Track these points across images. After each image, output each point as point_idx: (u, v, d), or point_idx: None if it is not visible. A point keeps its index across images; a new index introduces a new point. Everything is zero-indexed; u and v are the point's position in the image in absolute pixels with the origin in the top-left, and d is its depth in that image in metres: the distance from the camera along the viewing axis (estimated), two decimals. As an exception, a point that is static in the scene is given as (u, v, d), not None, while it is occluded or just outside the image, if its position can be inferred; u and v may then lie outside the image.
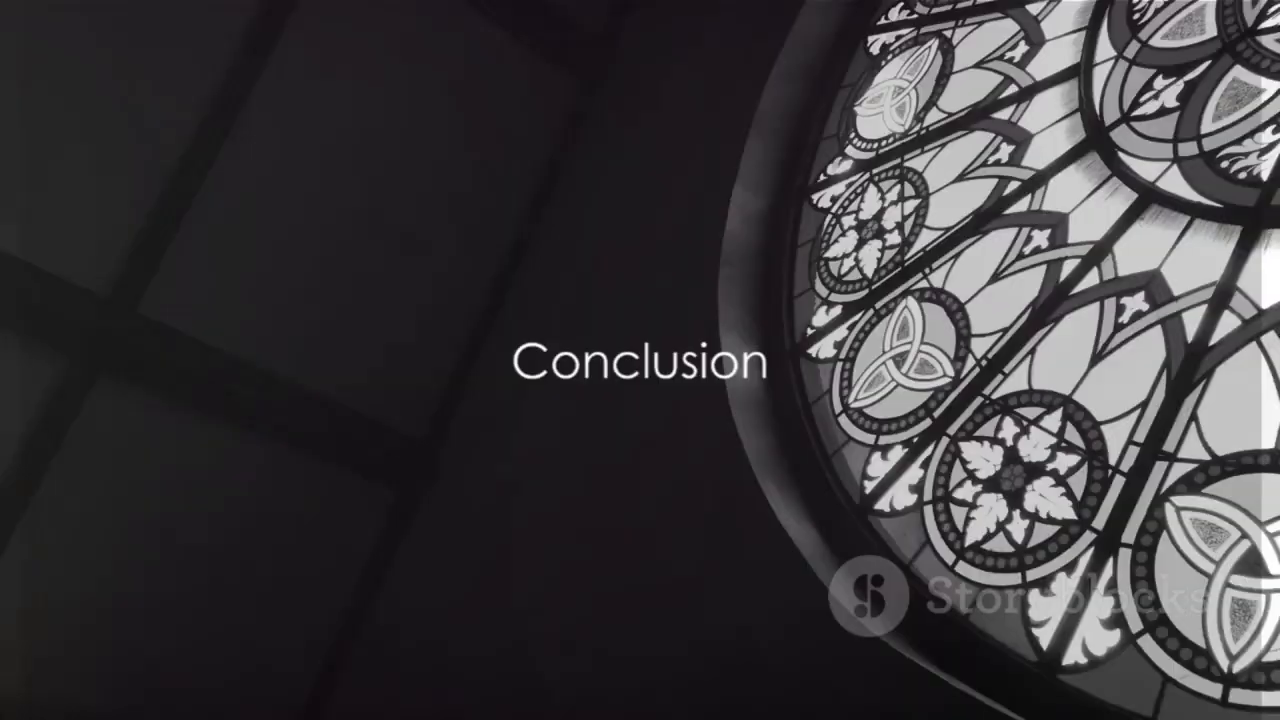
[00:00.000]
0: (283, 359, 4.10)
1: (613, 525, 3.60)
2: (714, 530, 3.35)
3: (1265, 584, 2.26)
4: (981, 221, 3.36)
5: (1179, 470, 2.52)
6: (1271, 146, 2.66)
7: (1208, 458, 2.47)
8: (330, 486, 4.24)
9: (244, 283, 4.04)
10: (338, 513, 4.24)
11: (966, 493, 2.97)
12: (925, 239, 3.55)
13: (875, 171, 3.91)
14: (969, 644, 2.74)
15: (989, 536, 2.85)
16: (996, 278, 3.23)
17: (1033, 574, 2.72)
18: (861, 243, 3.79)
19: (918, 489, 3.12)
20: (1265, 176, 2.63)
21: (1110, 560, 2.56)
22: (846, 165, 4.09)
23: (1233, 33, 2.90)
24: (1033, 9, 3.62)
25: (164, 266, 3.83)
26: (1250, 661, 2.23)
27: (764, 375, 3.78)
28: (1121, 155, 3.03)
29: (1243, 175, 2.69)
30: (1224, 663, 2.26)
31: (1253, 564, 2.30)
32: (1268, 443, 2.37)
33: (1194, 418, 2.55)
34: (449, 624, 3.95)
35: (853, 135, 4.12)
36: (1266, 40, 2.81)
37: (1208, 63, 2.93)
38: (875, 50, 4.25)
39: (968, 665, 2.70)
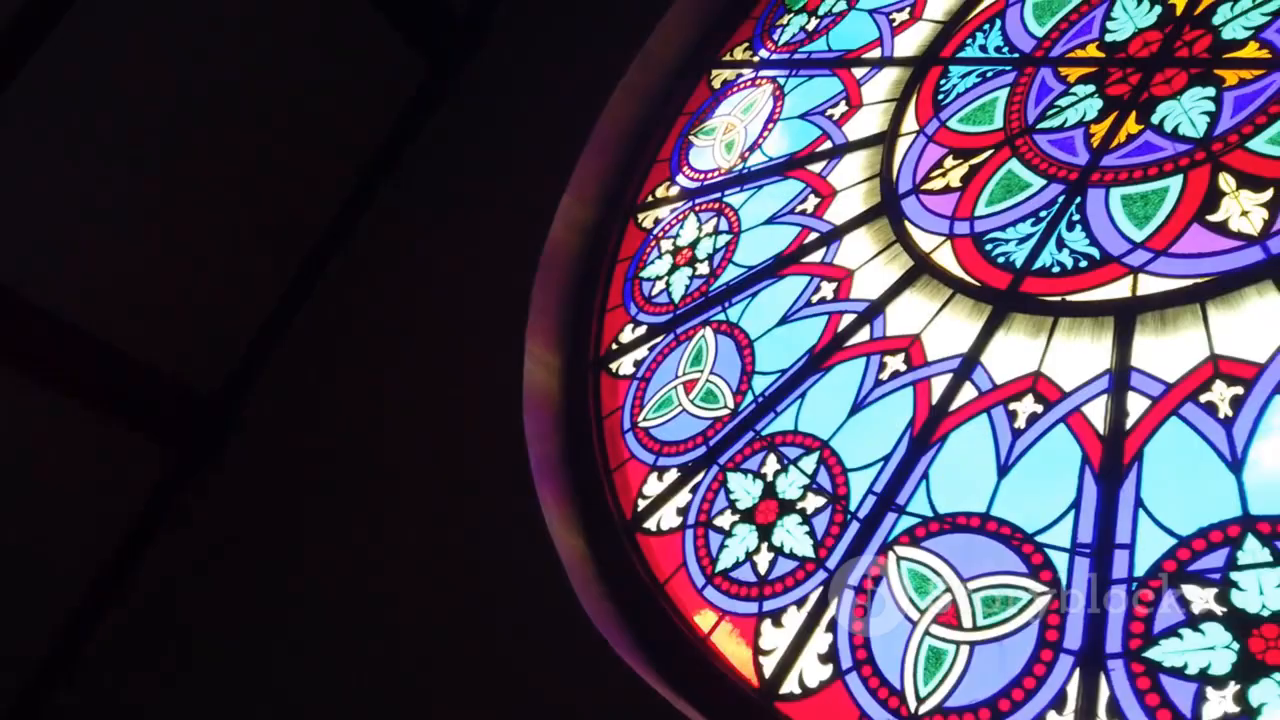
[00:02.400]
0: (62, 295, 3.85)
1: (384, 515, 3.58)
2: (485, 529, 3.37)
3: (958, 635, 2.47)
4: (780, 266, 3.52)
5: (906, 523, 2.72)
6: (1028, 238, 2.90)
7: (930, 514, 2.67)
8: (100, 439, 4.01)
9: (27, 214, 3.77)
10: (105, 469, 4.03)
11: (725, 521, 3.11)
12: (730, 274, 3.69)
13: (697, 201, 4.04)
14: (702, 667, 2.87)
15: (737, 565, 3.00)
16: (784, 321, 3.39)
17: (769, 605, 2.87)
18: (674, 268, 3.90)
19: (684, 512, 3.25)
20: (1019, 264, 2.87)
21: (835, 599, 2.73)
22: (674, 191, 4.20)
23: (1015, 128, 3.15)
24: (857, 72, 3.82)
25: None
26: (933, 705, 2.43)
27: (562, 383, 3.84)
28: (907, 224, 3.24)
29: (1001, 260, 2.92)
30: (912, 704, 2.45)
31: (951, 616, 2.50)
32: (980, 507, 2.58)
33: (926, 476, 2.75)
34: (211, 606, 3.82)
35: (684, 163, 4.24)
36: (1041, 139, 3.07)
37: (990, 151, 3.17)
38: (717, 84, 4.38)
39: (698, 687, 2.83)
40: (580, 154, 4.25)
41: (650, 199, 4.26)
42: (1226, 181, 2.55)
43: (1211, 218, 2.54)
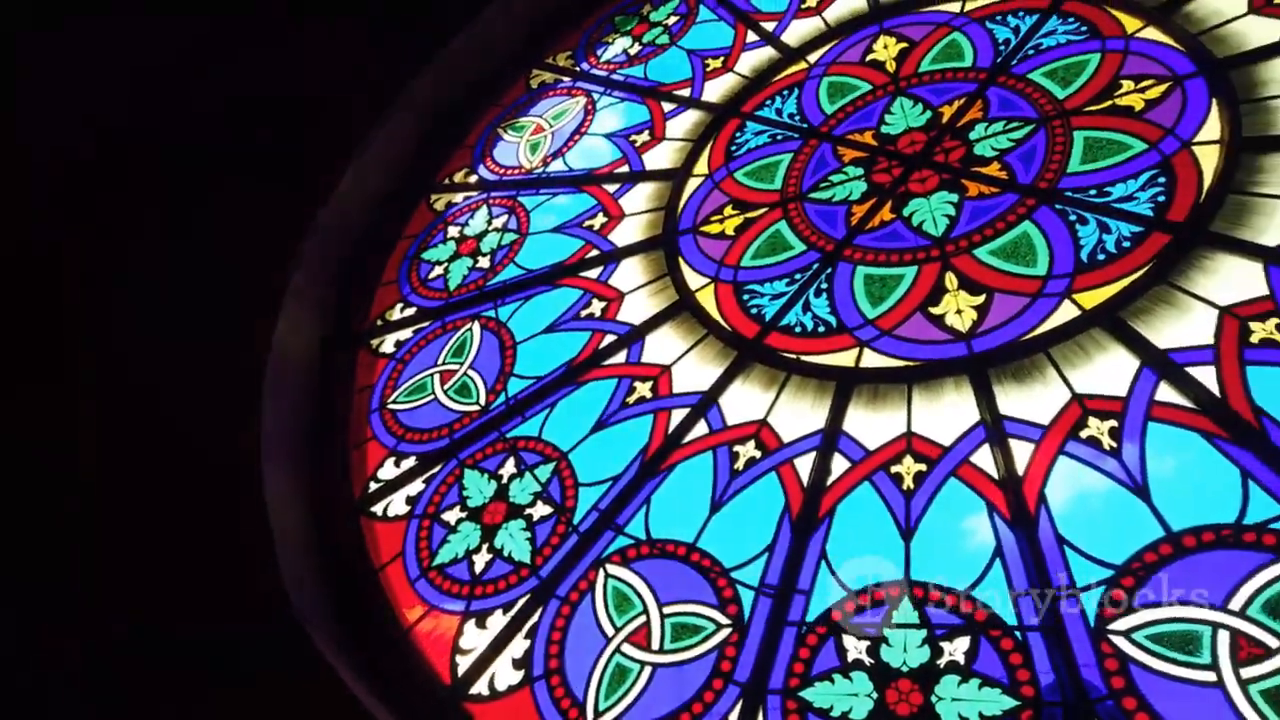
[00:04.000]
0: None
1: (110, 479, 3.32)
2: (201, 492, 3.18)
3: (645, 656, 2.59)
4: (558, 275, 3.57)
5: (621, 542, 2.82)
6: (781, 295, 3.10)
7: (644, 537, 2.79)
8: None
9: None
10: None
11: (452, 516, 3.11)
12: (509, 273, 3.70)
13: (492, 195, 4.03)
14: (396, 658, 2.85)
15: (455, 561, 3.01)
16: (552, 330, 3.43)
17: (477, 605, 2.89)
18: (456, 256, 3.87)
19: (414, 501, 3.22)
20: (769, 318, 3.06)
21: (541, 608, 2.79)
22: (472, 179, 4.17)
23: (791, 192, 3.37)
24: (666, 106, 3.95)
25: None
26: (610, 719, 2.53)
27: (315, 350, 3.70)
28: (680, 260, 3.37)
29: (754, 311, 3.10)
30: (590, 717, 2.55)
31: (642, 637, 2.62)
32: (689, 537, 2.72)
33: (648, 501, 2.86)
34: None
35: (488, 155, 4.22)
36: (810, 208, 3.29)
37: (765, 209, 3.36)
38: (535, 84, 4.39)
39: (389, 677, 2.81)
40: (386, 124, 4.12)
41: (448, 181, 4.20)
42: (950, 280, 2.84)
43: (933, 310, 2.81)
